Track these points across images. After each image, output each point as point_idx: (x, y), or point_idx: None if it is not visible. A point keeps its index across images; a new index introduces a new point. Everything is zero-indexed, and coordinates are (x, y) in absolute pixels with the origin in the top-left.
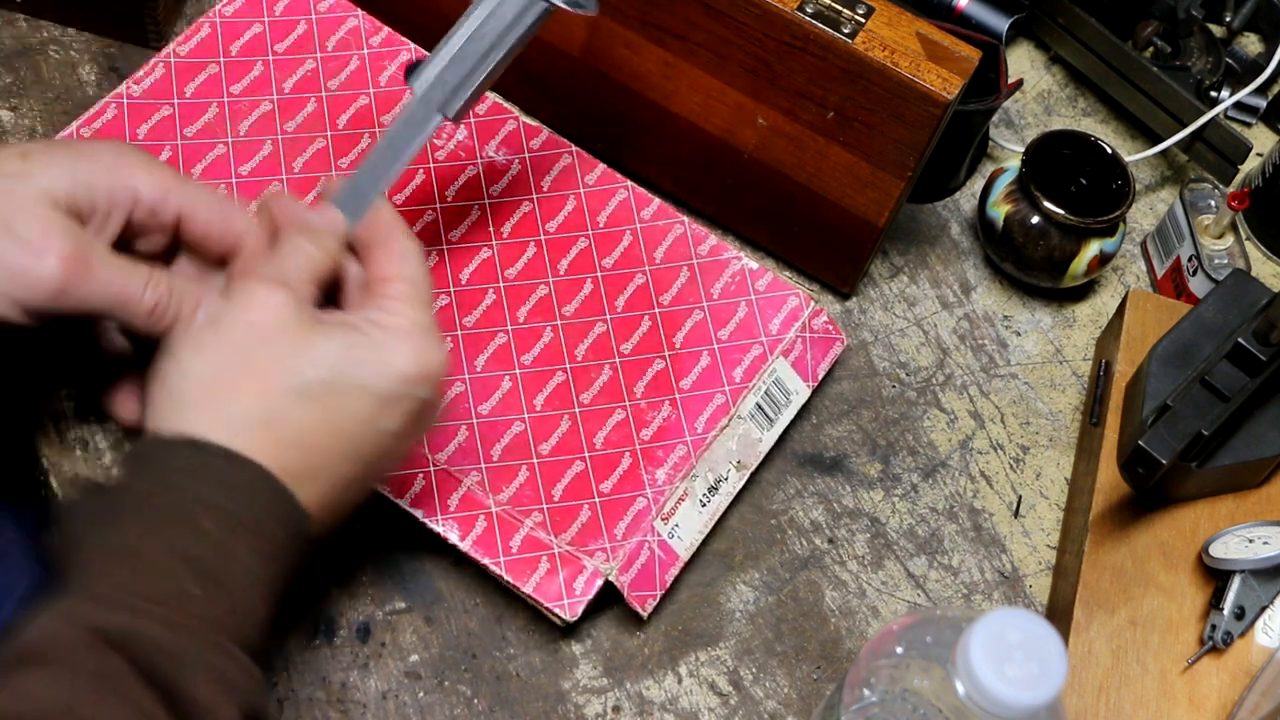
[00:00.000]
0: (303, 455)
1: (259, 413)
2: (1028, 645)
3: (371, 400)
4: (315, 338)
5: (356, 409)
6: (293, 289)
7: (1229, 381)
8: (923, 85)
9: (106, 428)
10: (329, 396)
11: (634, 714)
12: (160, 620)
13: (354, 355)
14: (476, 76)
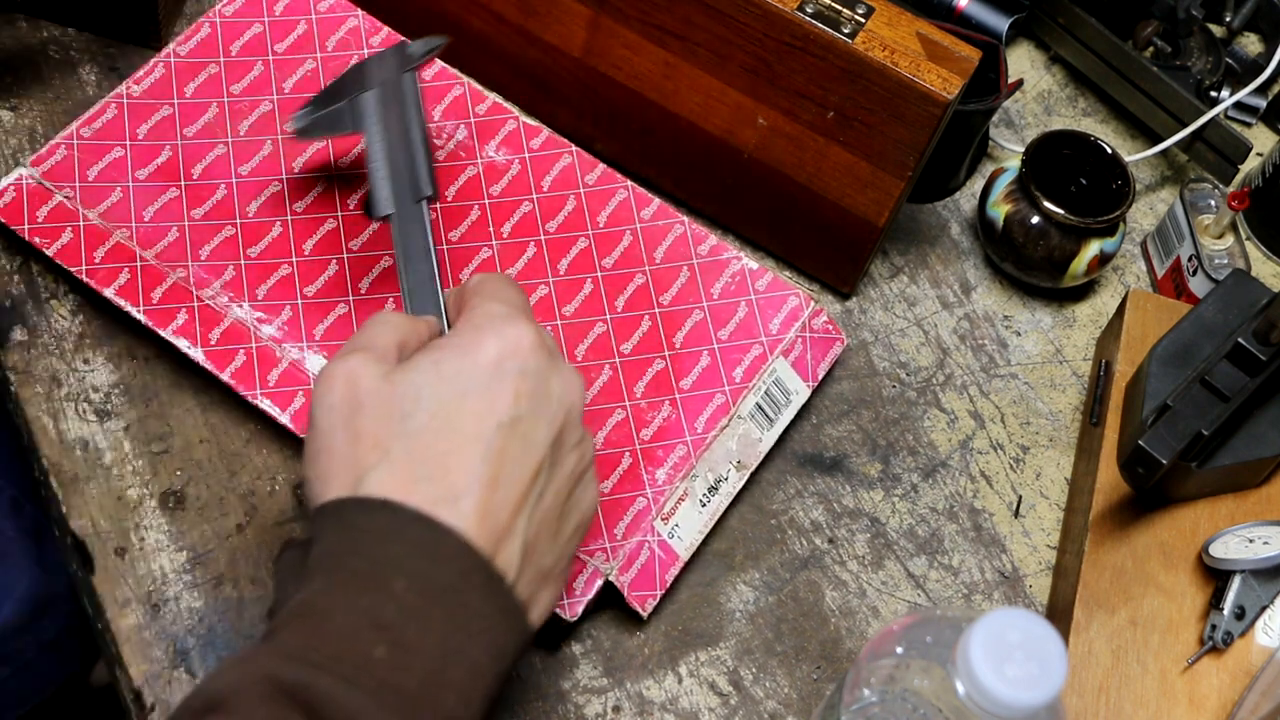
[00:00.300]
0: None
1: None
2: (1028, 645)
3: (475, 400)
4: (401, 376)
5: (467, 415)
6: (371, 351)
7: (1229, 381)
8: (923, 85)
9: (106, 428)
10: (435, 420)
11: (634, 714)
12: (339, 676)
13: (443, 367)
14: (418, 152)
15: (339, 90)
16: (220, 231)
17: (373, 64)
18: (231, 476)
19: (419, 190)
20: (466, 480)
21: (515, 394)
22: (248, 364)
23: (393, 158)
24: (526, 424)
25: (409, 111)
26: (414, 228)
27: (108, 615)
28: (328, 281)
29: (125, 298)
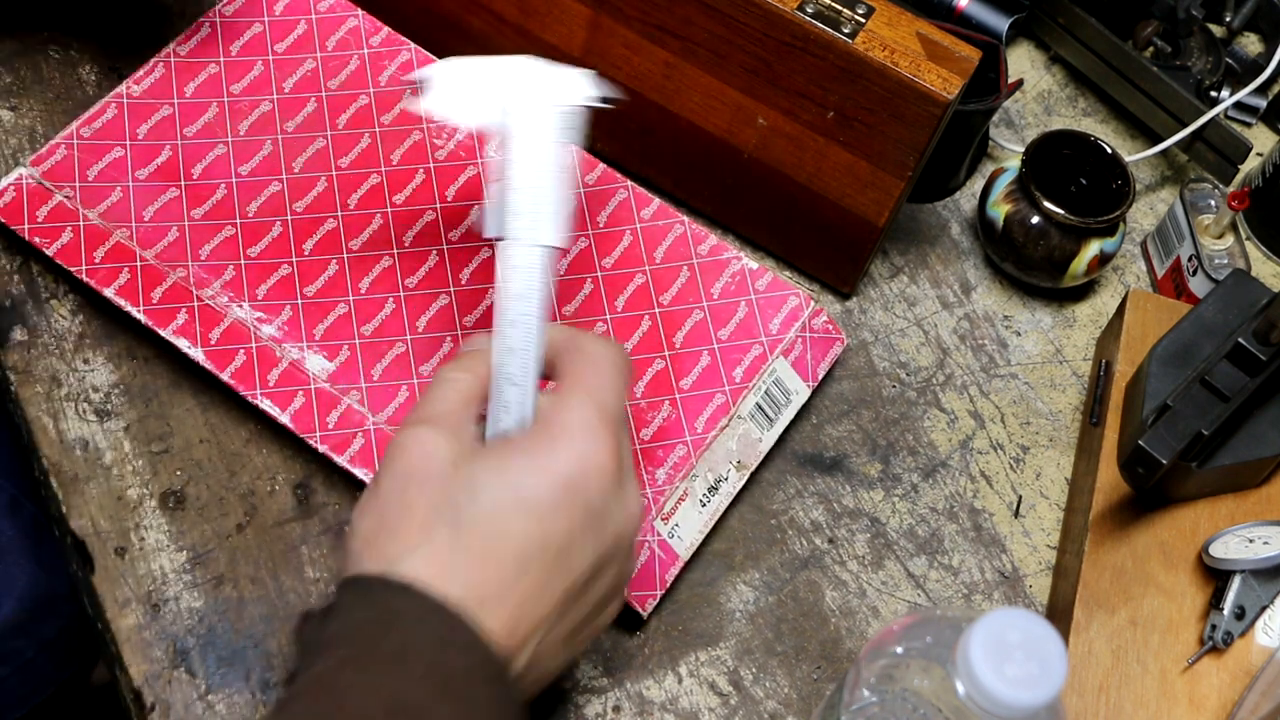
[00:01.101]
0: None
1: (420, 551)
2: (1028, 645)
3: (529, 516)
4: (467, 465)
5: (516, 528)
6: (439, 423)
7: (1229, 381)
8: (923, 85)
9: (106, 428)
10: (485, 522)
11: (634, 714)
12: None
13: (508, 474)
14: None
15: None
16: (220, 231)
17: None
18: (231, 476)
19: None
20: (500, 588)
21: (571, 522)
22: (248, 364)
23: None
24: (575, 551)
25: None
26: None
27: (108, 615)
28: (328, 281)
29: (125, 298)
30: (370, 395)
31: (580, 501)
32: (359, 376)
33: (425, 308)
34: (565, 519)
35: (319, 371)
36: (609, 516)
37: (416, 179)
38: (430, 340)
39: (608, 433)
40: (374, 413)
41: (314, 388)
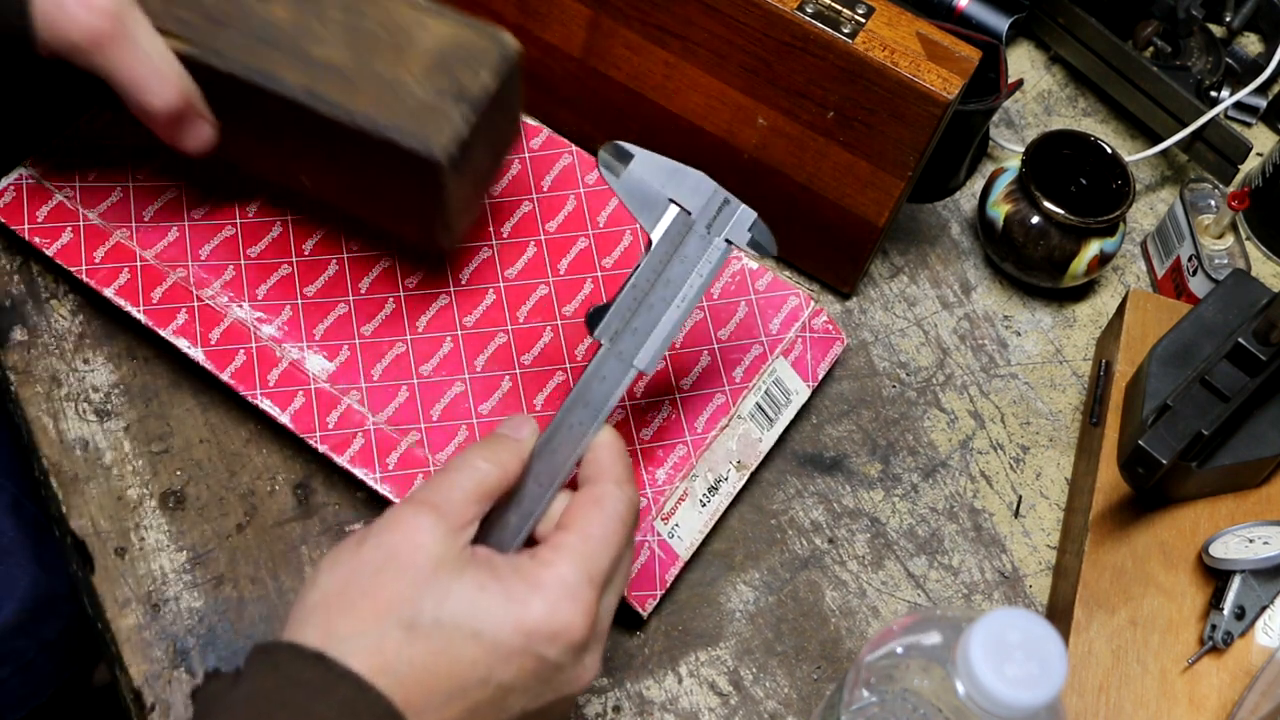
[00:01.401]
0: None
1: (367, 638)
2: (1028, 645)
3: (483, 649)
4: (447, 573)
5: (466, 654)
6: (444, 514)
7: (1229, 381)
8: (923, 85)
9: (106, 428)
10: (438, 636)
11: (634, 714)
12: None
13: (479, 600)
14: (667, 328)
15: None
16: (220, 231)
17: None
18: (231, 476)
19: (641, 359)
20: (427, 702)
21: (521, 672)
22: (248, 364)
23: (652, 304)
24: (513, 698)
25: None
26: (609, 381)
27: (108, 615)
28: (328, 281)
29: (125, 298)
30: (370, 395)
31: (536, 655)
32: (359, 376)
33: (425, 307)
34: (516, 668)
35: (319, 371)
36: (559, 678)
37: None
38: (430, 340)
39: (587, 599)
40: (374, 413)
41: (314, 388)
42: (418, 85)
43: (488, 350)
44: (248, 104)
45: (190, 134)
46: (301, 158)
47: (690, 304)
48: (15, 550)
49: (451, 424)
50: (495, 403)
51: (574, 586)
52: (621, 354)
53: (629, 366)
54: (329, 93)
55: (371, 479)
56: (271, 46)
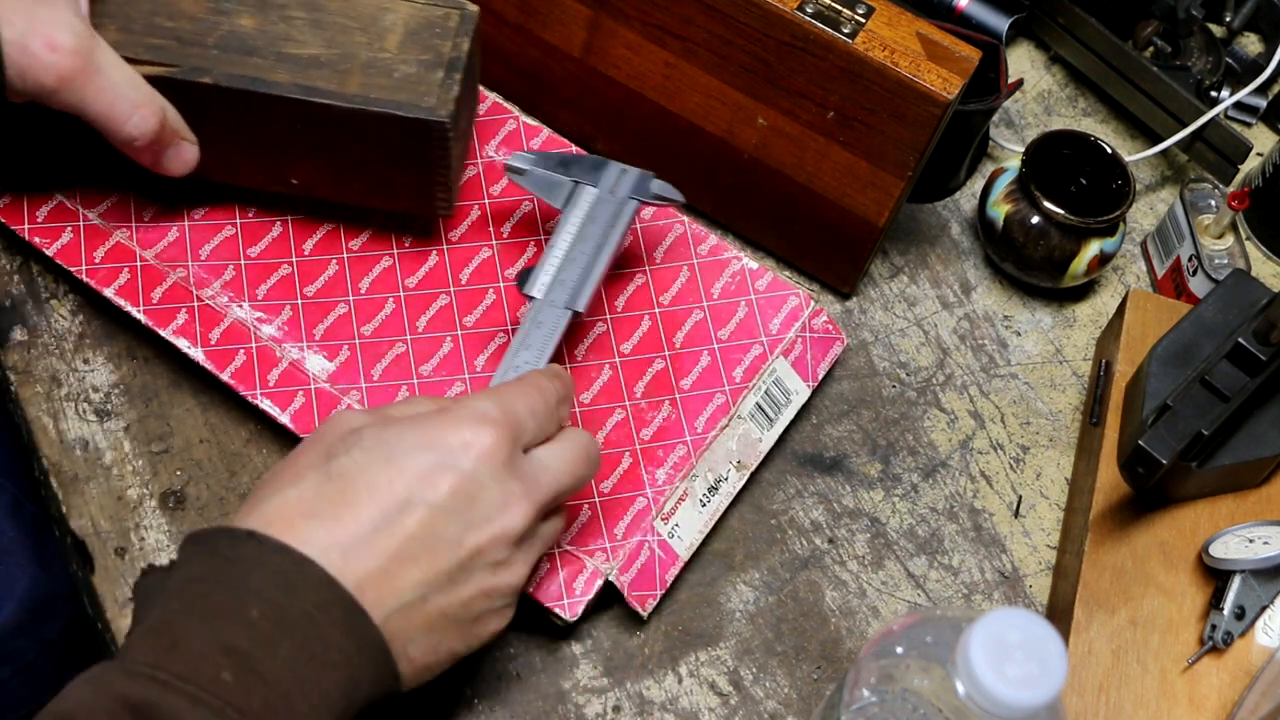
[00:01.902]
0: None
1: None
2: (1028, 645)
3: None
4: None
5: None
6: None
7: (1229, 381)
8: (923, 85)
9: (106, 428)
10: (356, 474)
11: (634, 714)
12: (185, 696)
13: (385, 434)
14: (594, 273)
15: (571, 165)
16: (220, 231)
17: (614, 169)
18: (231, 476)
19: (575, 300)
20: (355, 538)
21: (449, 487)
22: (248, 364)
23: (573, 257)
24: (443, 519)
25: (613, 233)
26: (547, 327)
27: (108, 615)
28: (328, 281)
29: (125, 298)
30: (370, 395)
31: (451, 468)
32: (359, 376)
33: (425, 308)
34: (443, 483)
35: (319, 371)
36: (485, 497)
37: None
38: (430, 340)
39: (496, 419)
40: None
41: (314, 388)
42: (400, 61)
43: (487, 350)
44: (234, 115)
45: (173, 157)
46: (289, 157)
47: (610, 254)
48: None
49: None
50: None
51: (482, 410)
52: (554, 301)
53: (563, 310)
54: (320, 84)
55: None
56: (249, 54)
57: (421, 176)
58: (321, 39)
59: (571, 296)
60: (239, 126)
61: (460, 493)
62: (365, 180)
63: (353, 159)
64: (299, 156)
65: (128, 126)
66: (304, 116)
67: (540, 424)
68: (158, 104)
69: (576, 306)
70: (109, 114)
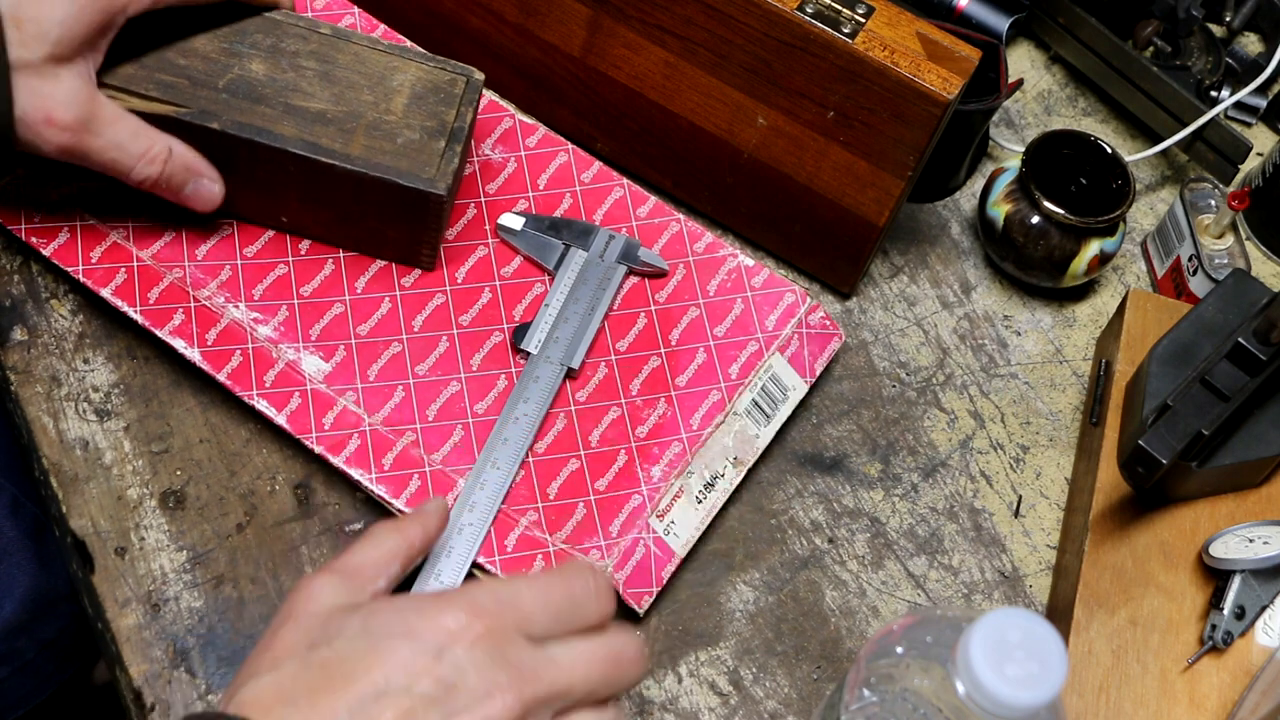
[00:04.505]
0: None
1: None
2: (1028, 645)
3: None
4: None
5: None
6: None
7: (1229, 381)
8: (923, 85)
9: (106, 428)
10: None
11: (634, 714)
12: None
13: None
14: (587, 332)
15: (561, 229)
16: (217, 231)
17: (603, 235)
18: (231, 476)
19: (569, 357)
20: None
21: (430, 675)
22: (244, 364)
23: (566, 316)
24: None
25: (604, 295)
26: (544, 385)
27: (108, 615)
28: (324, 281)
29: (122, 298)
30: (366, 396)
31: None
32: (355, 377)
33: (421, 307)
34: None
35: (315, 372)
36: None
37: None
38: (426, 340)
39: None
40: (370, 413)
41: (310, 388)
42: (404, 126)
43: (483, 349)
44: (236, 158)
45: (194, 194)
46: (284, 200)
47: (601, 315)
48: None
49: (447, 424)
50: (491, 401)
51: (474, 598)
52: (549, 358)
53: (558, 366)
54: (324, 142)
55: (367, 479)
56: (258, 102)
57: (412, 236)
58: (330, 94)
59: (566, 354)
60: (239, 168)
61: (441, 681)
62: (356, 231)
63: (347, 212)
64: (293, 200)
65: (134, 174)
66: (306, 170)
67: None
68: (162, 149)
69: (571, 364)
70: (114, 167)
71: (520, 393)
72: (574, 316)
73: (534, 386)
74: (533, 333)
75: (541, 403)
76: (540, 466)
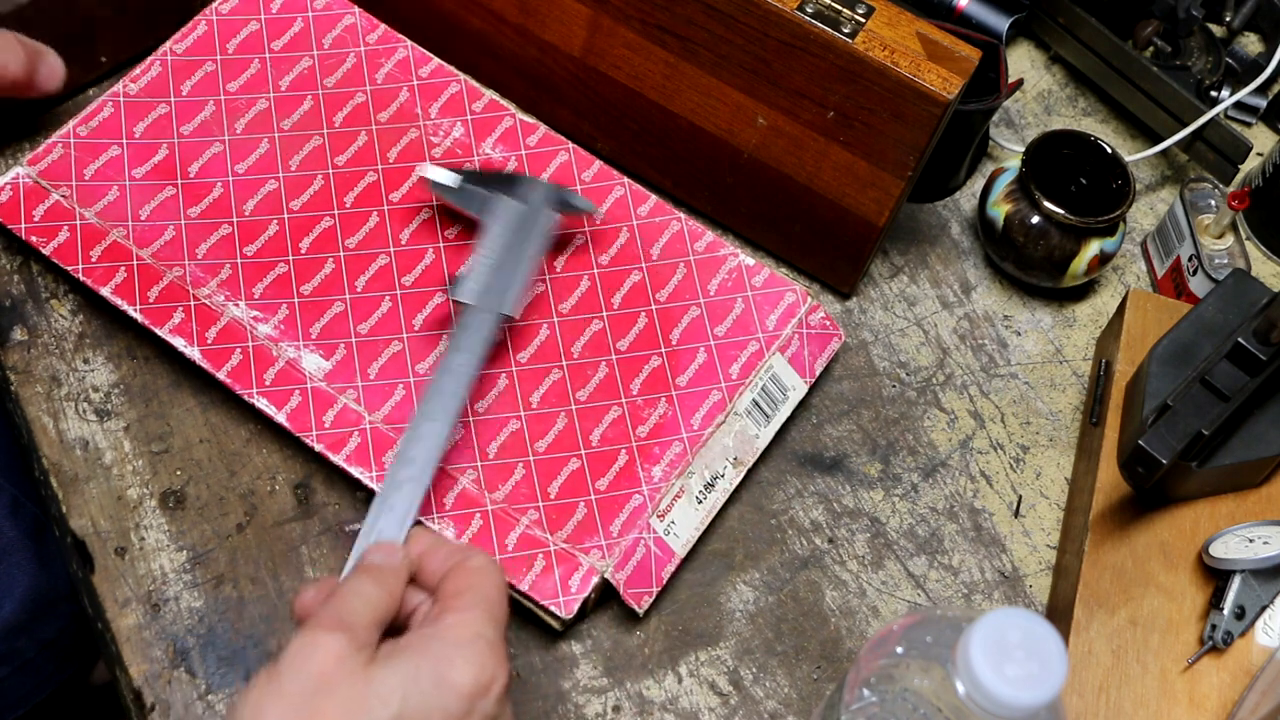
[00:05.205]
0: None
1: None
2: (1028, 645)
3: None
4: (378, 672)
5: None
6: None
7: (1229, 381)
8: (923, 85)
9: (106, 428)
10: None
11: (634, 714)
12: None
13: (418, 682)
14: (521, 275)
15: (489, 179)
16: (217, 230)
17: (530, 181)
18: (231, 476)
19: (505, 305)
20: None
21: None
22: (244, 363)
23: (502, 263)
24: None
25: (535, 240)
26: (478, 333)
27: (108, 615)
28: (324, 280)
29: (122, 296)
30: (366, 394)
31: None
32: (355, 375)
33: (421, 305)
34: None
35: (315, 370)
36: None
37: (413, 177)
38: (426, 338)
39: (503, 649)
40: (370, 411)
41: (310, 386)
42: None
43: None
44: None
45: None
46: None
47: (535, 260)
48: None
49: None
50: (491, 400)
51: (490, 640)
52: (485, 306)
53: (494, 314)
54: None
55: (368, 478)
56: None
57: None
58: None
59: (500, 300)
60: None
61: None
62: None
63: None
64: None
65: None
66: None
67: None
68: None
69: (507, 310)
70: None
71: (455, 342)
72: (508, 264)
73: (465, 335)
74: (466, 281)
75: (476, 351)
76: (541, 466)
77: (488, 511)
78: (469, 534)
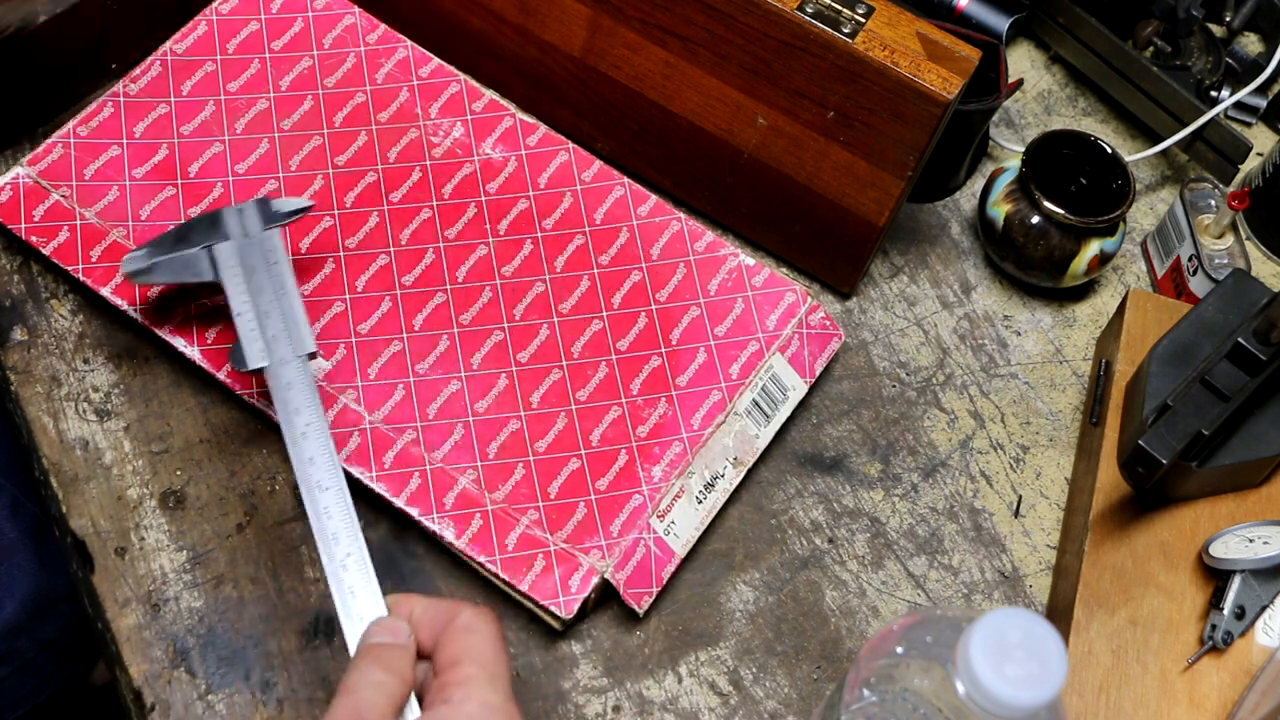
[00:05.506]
0: None
1: None
2: (1028, 645)
3: None
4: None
5: None
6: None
7: (1229, 381)
8: (923, 85)
9: (106, 428)
10: None
11: (634, 714)
12: None
13: None
14: (291, 306)
15: (188, 235)
16: None
17: (230, 214)
18: (231, 476)
19: (300, 345)
20: None
21: None
22: None
23: (265, 309)
24: None
25: (274, 266)
26: (298, 386)
27: (108, 615)
28: (324, 279)
29: (122, 296)
30: (366, 394)
31: None
32: (355, 375)
33: (421, 306)
34: None
35: (315, 370)
36: None
37: (413, 177)
38: (426, 338)
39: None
40: (370, 412)
41: None
42: None
43: (484, 348)
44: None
45: None
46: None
47: (290, 283)
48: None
49: (448, 422)
50: (492, 400)
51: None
52: (284, 358)
53: (299, 359)
54: None
55: (367, 478)
56: None
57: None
58: None
59: (293, 344)
60: None
61: None
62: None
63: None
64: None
65: None
66: None
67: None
68: None
69: (303, 350)
70: None
71: (284, 409)
72: (268, 307)
73: (288, 395)
74: (244, 349)
75: (308, 402)
76: (541, 466)
77: (488, 511)
78: (469, 534)
